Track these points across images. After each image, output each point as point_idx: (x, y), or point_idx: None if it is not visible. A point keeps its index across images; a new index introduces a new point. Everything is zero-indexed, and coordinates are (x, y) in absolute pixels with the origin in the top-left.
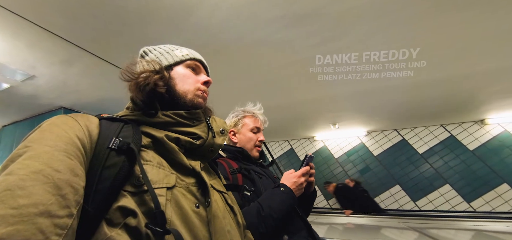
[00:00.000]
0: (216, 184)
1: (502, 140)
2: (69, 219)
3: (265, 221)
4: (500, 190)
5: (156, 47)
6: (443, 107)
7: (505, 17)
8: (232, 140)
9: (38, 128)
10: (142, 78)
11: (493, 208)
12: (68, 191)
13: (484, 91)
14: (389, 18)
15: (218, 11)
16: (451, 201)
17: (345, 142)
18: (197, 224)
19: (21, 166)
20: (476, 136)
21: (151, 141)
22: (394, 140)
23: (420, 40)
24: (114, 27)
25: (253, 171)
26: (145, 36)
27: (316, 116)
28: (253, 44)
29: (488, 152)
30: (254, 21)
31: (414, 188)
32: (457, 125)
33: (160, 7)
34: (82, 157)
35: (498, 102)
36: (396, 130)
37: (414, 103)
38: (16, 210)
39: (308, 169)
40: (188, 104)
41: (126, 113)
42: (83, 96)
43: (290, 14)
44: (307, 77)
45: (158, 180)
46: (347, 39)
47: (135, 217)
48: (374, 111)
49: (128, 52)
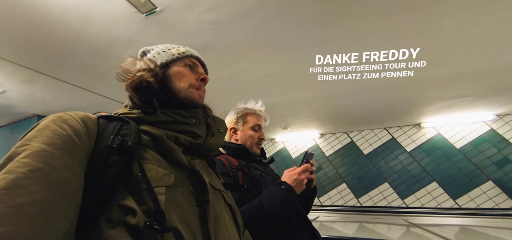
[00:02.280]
0: (215, 183)
1: (435, 142)
2: (68, 218)
3: (266, 219)
4: (429, 188)
5: (154, 47)
6: (387, 111)
7: (429, 35)
8: (233, 137)
9: (36, 126)
10: (136, 76)
11: (423, 204)
12: (67, 190)
13: (420, 97)
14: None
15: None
16: (388, 198)
17: (302, 143)
18: (196, 223)
19: (19, 164)
20: (414, 138)
21: (150, 139)
22: (344, 142)
23: (368, 45)
24: (61, 51)
25: (253, 168)
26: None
27: (272, 120)
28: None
29: (423, 153)
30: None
31: (358, 186)
32: (398, 128)
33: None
34: (81, 155)
35: (432, 106)
36: (346, 133)
37: (363, 107)
38: (14, 209)
39: (308, 166)
40: (184, 100)
41: (125, 111)
42: (52, 105)
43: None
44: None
45: (157, 178)
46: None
47: (134, 215)
48: (328, 115)
49: (78, 71)
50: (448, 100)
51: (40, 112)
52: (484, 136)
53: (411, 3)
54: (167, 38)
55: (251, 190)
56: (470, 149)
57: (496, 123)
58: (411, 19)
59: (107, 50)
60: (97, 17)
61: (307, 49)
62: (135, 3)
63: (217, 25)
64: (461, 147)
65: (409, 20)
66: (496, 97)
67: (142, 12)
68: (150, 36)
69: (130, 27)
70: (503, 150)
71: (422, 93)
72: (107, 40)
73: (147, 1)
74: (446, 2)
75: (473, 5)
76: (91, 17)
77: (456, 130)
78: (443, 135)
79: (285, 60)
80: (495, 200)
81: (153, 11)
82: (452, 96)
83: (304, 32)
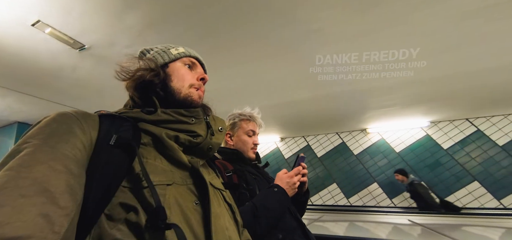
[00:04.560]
0: (215, 182)
1: (378, 146)
2: (69, 215)
3: (259, 220)
4: (371, 188)
5: (153, 47)
6: (339, 117)
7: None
8: (228, 142)
9: (37, 125)
10: (137, 76)
11: (365, 203)
12: (68, 187)
13: (366, 104)
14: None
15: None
16: (335, 197)
17: (265, 146)
18: (196, 221)
19: (21, 162)
20: (361, 143)
21: (150, 138)
22: (301, 145)
23: (329, 49)
24: (26, 73)
25: (247, 172)
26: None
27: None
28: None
29: (367, 156)
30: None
31: (310, 186)
32: (348, 133)
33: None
34: (82, 153)
35: (376, 111)
36: (303, 137)
37: (319, 113)
38: (16, 206)
39: (300, 169)
40: (183, 100)
41: (125, 110)
42: (29, 114)
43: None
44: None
45: (157, 177)
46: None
47: (136, 213)
48: (287, 120)
49: (42, 88)
50: (382, 108)
51: (20, 119)
52: (421, 141)
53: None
54: (102, 66)
55: (251, 189)
56: (407, 153)
57: (431, 129)
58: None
59: (59, 73)
60: (44, 51)
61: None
62: (67, 43)
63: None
64: (400, 151)
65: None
66: (424, 105)
67: (74, 48)
68: (88, 64)
69: (71, 58)
70: (435, 154)
71: (363, 101)
72: (57, 66)
73: (76, 41)
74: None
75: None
76: (40, 52)
77: (397, 135)
78: (386, 140)
79: (240, 72)
80: None
81: (83, 48)
82: (384, 106)
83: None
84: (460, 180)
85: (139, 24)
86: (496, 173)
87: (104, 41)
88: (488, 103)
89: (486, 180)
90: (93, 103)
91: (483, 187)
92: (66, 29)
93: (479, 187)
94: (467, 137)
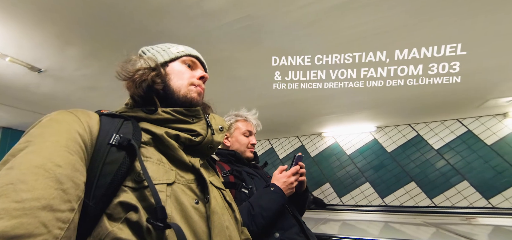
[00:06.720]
0: (215, 180)
1: (333, 149)
2: (70, 213)
3: (255, 220)
4: (323, 188)
5: (153, 46)
6: (298, 121)
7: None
8: (225, 143)
9: (38, 124)
10: (138, 75)
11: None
12: (69, 186)
13: (321, 108)
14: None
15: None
16: None
17: None
18: (196, 220)
19: (22, 160)
20: (317, 145)
21: (151, 137)
22: (266, 147)
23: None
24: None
25: (244, 172)
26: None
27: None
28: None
29: (322, 158)
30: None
31: None
32: (306, 137)
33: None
34: (83, 152)
35: (330, 115)
36: (268, 140)
37: (282, 117)
38: (19, 204)
39: (298, 169)
40: (182, 99)
41: (126, 109)
42: (10, 120)
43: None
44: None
45: (158, 176)
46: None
47: (136, 212)
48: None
49: (16, 99)
50: (332, 114)
51: (4, 124)
52: (368, 145)
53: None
54: (60, 85)
55: (251, 188)
56: (357, 155)
57: (377, 133)
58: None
59: (27, 88)
60: (10, 73)
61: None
62: (26, 66)
63: (86, 77)
64: (350, 153)
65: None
66: (369, 111)
67: (34, 71)
68: (49, 82)
69: (33, 78)
70: (380, 156)
71: (313, 106)
72: (24, 84)
73: (33, 66)
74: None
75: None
76: (7, 73)
77: (348, 139)
78: (339, 143)
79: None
80: (369, 198)
81: (41, 71)
82: (333, 112)
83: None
84: (400, 181)
85: (79, 55)
86: (431, 175)
87: (56, 66)
88: (426, 110)
89: (421, 181)
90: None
91: (418, 187)
92: (22, 57)
93: (415, 187)
94: (408, 141)
